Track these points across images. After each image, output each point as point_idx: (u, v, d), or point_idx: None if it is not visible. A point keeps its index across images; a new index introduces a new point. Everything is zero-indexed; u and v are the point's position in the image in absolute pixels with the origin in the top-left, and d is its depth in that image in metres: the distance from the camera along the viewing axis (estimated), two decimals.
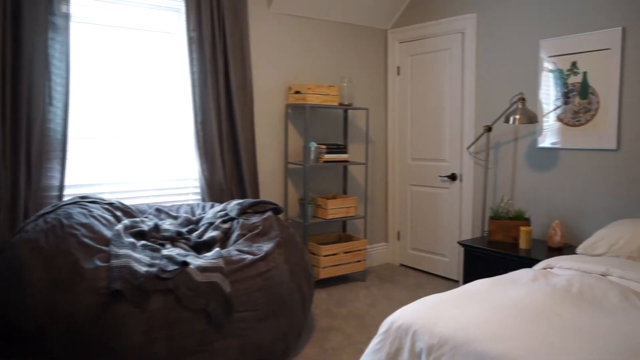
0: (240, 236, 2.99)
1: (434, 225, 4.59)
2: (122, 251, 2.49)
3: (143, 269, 2.40)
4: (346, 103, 4.38)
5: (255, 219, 3.12)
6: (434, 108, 4.51)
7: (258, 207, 3.29)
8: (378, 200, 4.96)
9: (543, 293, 2.03)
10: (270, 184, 4.23)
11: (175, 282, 2.43)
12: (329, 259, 4.18)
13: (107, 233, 2.67)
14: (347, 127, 4.62)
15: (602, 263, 2.49)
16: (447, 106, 4.40)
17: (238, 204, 3.25)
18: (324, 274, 4.16)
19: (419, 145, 4.68)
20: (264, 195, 4.18)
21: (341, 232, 4.68)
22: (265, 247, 2.87)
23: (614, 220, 3.34)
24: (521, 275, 2.33)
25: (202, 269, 2.52)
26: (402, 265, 4.97)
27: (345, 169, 4.66)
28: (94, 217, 2.76)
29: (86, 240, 2.50)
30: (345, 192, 4.65)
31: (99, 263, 2.40)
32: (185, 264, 2.51)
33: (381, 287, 4.29)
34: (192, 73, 3.66)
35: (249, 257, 2.74)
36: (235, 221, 3.11)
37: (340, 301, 3.94)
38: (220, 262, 2.60)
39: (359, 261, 4.38)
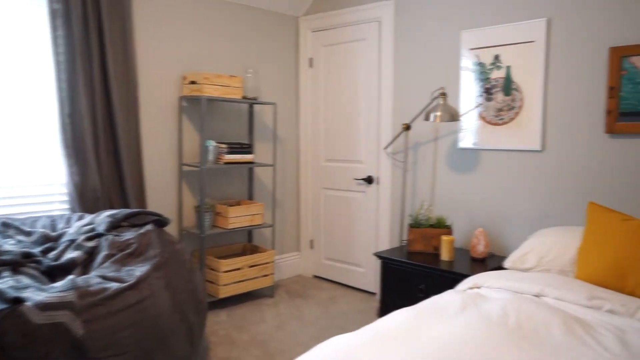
0: (107, 257, 2.38)
1: (349, 232, 4.19)
2: None
3: None
4: (251, 97, 3.85)
5: (129, 234, 2.51)
6: (350, 104, 4.10)
7: (136, 219, 2.69)
8: (289, 206, 4.47)
9: (477, 329, 1.63)
10: (161, 189, 3.61)
11: (1, 326, 1.80)
12: (231, 275, 3.63)
13: None
14: (252, 124, 4.09)
15: (536, 281, 2.17)
16: (363, 102, 4.01)
17: (109, 215, 2.63)
18: (224, 292, 3.60)
19: (334, 145, 4.25)
20: (154, 203, 3.56)
21: (247, 242, 4.15)
22: (139, 270, 2.28)
23: (539, 227, 3.09)
24: (448, 301, 1.93)
25: (43, 307, 1.90)
26: (315, 276, 4.53)
27: (250, 171, 4.13)
28: None
29: None
30: (251, 198, 4.12)
31: None
32: (17, 300, 1.88)
33: (291, 304, 3.80)
34: (57, 54, 2.97)
35: (114, 285, 2.14)
36: (104, 238, 2.49)
37: (243, 324, 3.40)
38: (70, 296, 1.98)
39: (266, 275, 3.87)
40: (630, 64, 2.67)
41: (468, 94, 3.35)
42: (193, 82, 3.54)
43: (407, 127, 3.53)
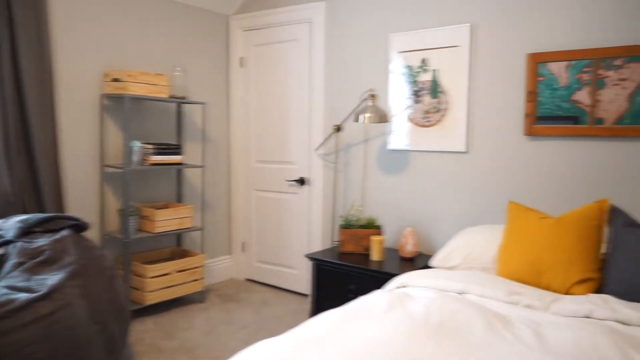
0: (16, 266, 2.20)
1: (281, 234, 4.14)
2: None
3: None
4: (179, 96, 3.73)
5: (42, 240, 2.35)
6: (281, 105, 4.07)
7: (51, 224, 2.52)
8: (220, 208, 4.37)
9: (402, 329, 1.64)
10: (82, 192, 3.41)
11: None
12: (158, 281, 3.49)
13: None
14: (181, 124, 3.96)
15: (460, 279, 2.22)
16: (295, 103, 3.98)
17: (20, 220, 2.45)
18: (151, 299, 3.46)
19: (265, 146, 4.20)
20: (74, 207, 3.36)
21: (176, 247, 4.01)
22: (52, 279, 2.14)
23: (465, 226, 3.19)
24: (375, 302, 1.94)
25: None
26: (248, 280, 4.45)
27: (179, 172, 3.99)
28: None
29: None
30: (180, 200, 3.99)
31: None
32: None
33: (222, 309, 3.71)
34: None
35: (23, 296, 1.99)
36: (12, 245, 2.31)
37: (171, 331, 3.28)
38: None
39: (196, 280, 3.75)
40: (547, 71, 2.81)
41: (398, 96, 3.40)
42: (116, 80, 3.37)
43: (338, 129, 3.54)
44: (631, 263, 2.05)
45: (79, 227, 2.59)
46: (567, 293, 2.16)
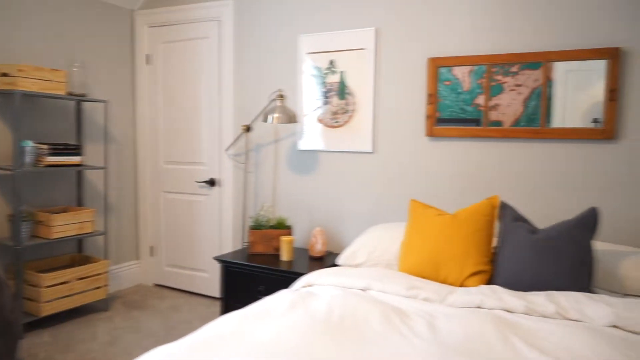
0: None
1: (192, 237, 4.04)
2: None
3: None
4: (78, 93, 3.52)
5: None
6: (190, 104, 3.96)
7: None
8: (126, 211, 4.18)
9: (301, 328, 1.65)
10: None
11: None
12: (56, 290, 3.28)
13: None
14: (81, 123, 3.74)
15: (363, 276, 2.27)
16: (204, 102, 3.89)
17: None
18: (47, 309, 3.24)
19: (174, 146, 4.07)
20: None
21: (77, 253, 3.78)
22: None
23: (372, 225, 3.27)
24: (278, 302, 1.93)
25: None
26: (157, 285, 4.29)
27: (80, 174, 3.77)
28: None
29: None
30: (80, 204, 3.77)
31: None
32: None
33: (128, 317, 3.55)
34: None
35: None
36: None
37: (69, 343, 3.09)
38: None
39: (98, 287, 3.56)
40: (453, 76, 2.94)
41: (308, 97, 3.43)
42: (5, 75, 3.12)
43: (248, 129, 3.51)
44: (517, 255, 2.19)
45: None
46: (462, 285, 2.28)
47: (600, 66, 2.59)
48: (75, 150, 3.45)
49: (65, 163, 3.37)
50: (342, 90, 3.30)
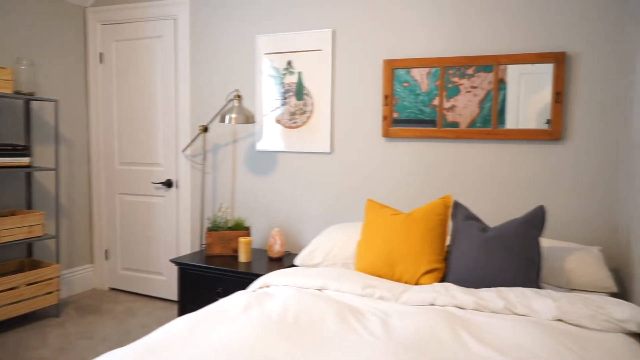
0: None
1: (148, 239, 3.96)
2: None
3: None
4: (26, 92, 3.40)
5: None
6: (146, 104, 3.88)
7: None
8: (79, 214, 4.06)
9: (253, 330, 1.64)
10: None
11: None
12: (3, 296, 3.15)
13: None
14: (30, 123, 3.61)
15: (320, 276, 2.28)
16: (160, 102, 3.82)
17: None
18: None
19: (129, 147, 3.98)
20: None
21: (26, 257, 3.65)
22: None
23: (331, 224, 3.29)
24: (233, 303, 1.92)
25: None
26: (112, 289, 4.18)
27: (29, 176, 3.64)
28: None
29: None
30: (29, 207, 3.63)
31: None
32: None
33: (80, 322, 3.45)
34: None
35: None
36: None
37: (17, 351, 2.97)
38: None
39: (49, 293, 3.45)
40: (411, 77, 2.99)
41: (267, 97, 3.42)
42: None
43: (205, 129, 3.47)
44: (468, 253, 2.25)
45: None
46: (416, 283, 2.32)
47: (549, 69, 2.69)
48: (24, 151, 3.33)
49: (12, 164, 3.25)
50: (300, 91, 3.31)
